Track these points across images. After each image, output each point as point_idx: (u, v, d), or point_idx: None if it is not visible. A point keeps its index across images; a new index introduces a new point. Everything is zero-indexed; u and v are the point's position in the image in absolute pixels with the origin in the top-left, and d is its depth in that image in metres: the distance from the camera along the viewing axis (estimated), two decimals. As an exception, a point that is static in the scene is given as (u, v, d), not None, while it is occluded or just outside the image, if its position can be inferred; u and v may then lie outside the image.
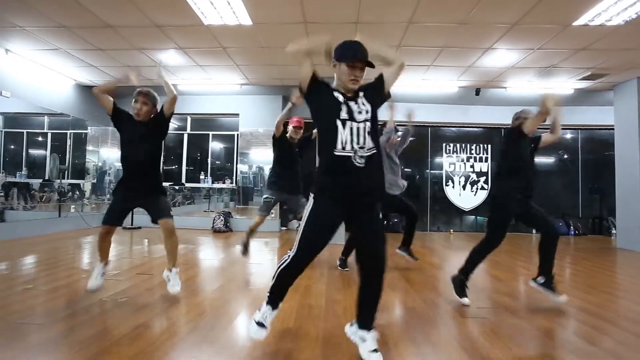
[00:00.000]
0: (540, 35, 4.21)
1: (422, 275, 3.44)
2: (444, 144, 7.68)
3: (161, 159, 2.66)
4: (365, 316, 1.67)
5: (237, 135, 7.44)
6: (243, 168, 7.52)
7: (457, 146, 7.67)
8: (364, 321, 1.67)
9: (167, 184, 7.41)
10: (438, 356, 1.75)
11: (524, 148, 2.61)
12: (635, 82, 5.56)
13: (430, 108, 7.42)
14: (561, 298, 2.47)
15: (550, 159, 7.88)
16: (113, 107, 2.47)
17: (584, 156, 7.71)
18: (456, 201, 7.58)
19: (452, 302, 2.56)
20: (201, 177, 7.74)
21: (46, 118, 6.70)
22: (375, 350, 1.60)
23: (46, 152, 6.74)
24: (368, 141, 1.59)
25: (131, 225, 6.45)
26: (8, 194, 6.07)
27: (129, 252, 4.25)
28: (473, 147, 7.64)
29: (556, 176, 7.77)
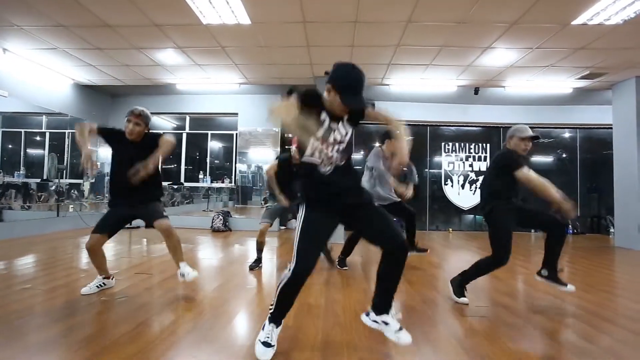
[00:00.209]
0: (539, 34, 4.22)
1: (422, 274, 3.45)
2: (443, 143, 7.69)
3: (158, 172, 2.61)
4: (385, 300, 1.68)
5: (236, 134, 7.44)
6: (242, 167, 7.52)
7: (456, 145, 7.68)
8: (384, 304, 1.68)
9: (166, 184, 7.40)
10: (437, 355, 1.75)
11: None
12: (633, 81, 5.57)
13: (429, 107, 7.44)
14: (569, 287, 2.43)
15: (548, 158, 7.90)
16: (98, 132, 2.50)
17: (582, 155, 7.73)
18: (455, 200, 7.59)
19: (451, 301, 2.57)
20: (200, 177, 7.73)
21: (44, 117, 6.69)
22: (400, 328, 1.62)
23: (44, 152, 6.72)
24: (336, 157, 1.65)
25: (130, 224, 6.42)
26: (5, 194, 6.05)
27: (128, 252, 4.25)
28: (472, 146, 7.66)
29: (554, 175, 7.77)
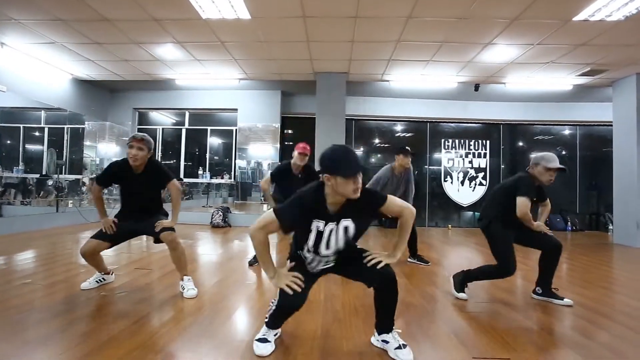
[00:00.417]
0: (540, 30, 4.20)
1: (421, 270, 3.45)
2: (443, 140, 7.68)
3: (161, 197, 2.69)
4: (384, 322, 1.71)
5: (236, 130, 7.42)
6: (241, 163, 7.51)
7: (456, 142, 7.67)
8: (384, 326, 1.71)
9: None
10: (436, 351, 1.76)
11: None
12: (634, 78, 5.56)
13: (429, 103, 7.42)
14: (565, 301, 2.46)
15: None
16: (107, 184, 2.53)
17: (582, 152, 7.73)
18: (454, 197, 7.60)
19: (451, 297, 2.58)
20: (199, 173, 7.72)
21: (43, 113, 6.66)
22: (399, 346, 1.63)
23: (43, 147, 6.70)
24: (334, 257, 1.71)
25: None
26: (5, 189, 6.04)
27: (128, 247, 4.25)
28: (472, 143, 7.65)
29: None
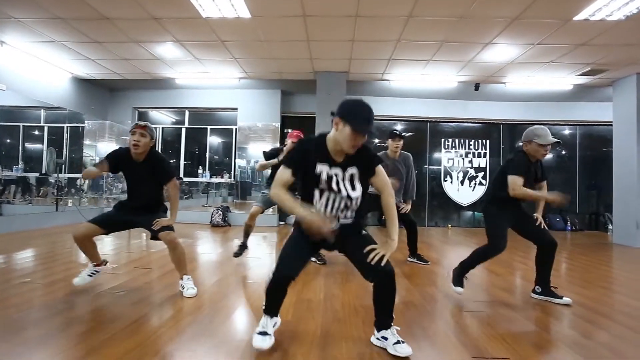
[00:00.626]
0: (540, 29, 4.19)
1: (420, 269, 3.45)
2: (443, 139, 7.68)
3: (162, 193, 2.66)
4: (383, 318, 1.72)
5: (236, 129, 7.41)
6: (241, 163, 7.50)
7: (456, 141, 7.67)
8: (383, 323, 1.72)
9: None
10: (435, 350, 1.76)
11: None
12: (634, 78, 5.55)
13: (429, 103, 7.42)
14: (564, 299, 2.46)
15: (548, 155, 7.88)
16: (109, 168, 2.47)
17: (582, 152, 7.73)
18: (454, 196, 7.60)
19: (450, 297, 2.58)
20: (199, 172, 7.72)
21: (43, 111, 6.65)
22: (398, 342, 1.64)
23: (43, 146, 6.69)
24: (345, 213, 1.70)
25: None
26: (4, 188, 6.04)
27: (127, 246, 4.25)
28: (472, 143, 7.65)
29: (554, 172, 7.79)
